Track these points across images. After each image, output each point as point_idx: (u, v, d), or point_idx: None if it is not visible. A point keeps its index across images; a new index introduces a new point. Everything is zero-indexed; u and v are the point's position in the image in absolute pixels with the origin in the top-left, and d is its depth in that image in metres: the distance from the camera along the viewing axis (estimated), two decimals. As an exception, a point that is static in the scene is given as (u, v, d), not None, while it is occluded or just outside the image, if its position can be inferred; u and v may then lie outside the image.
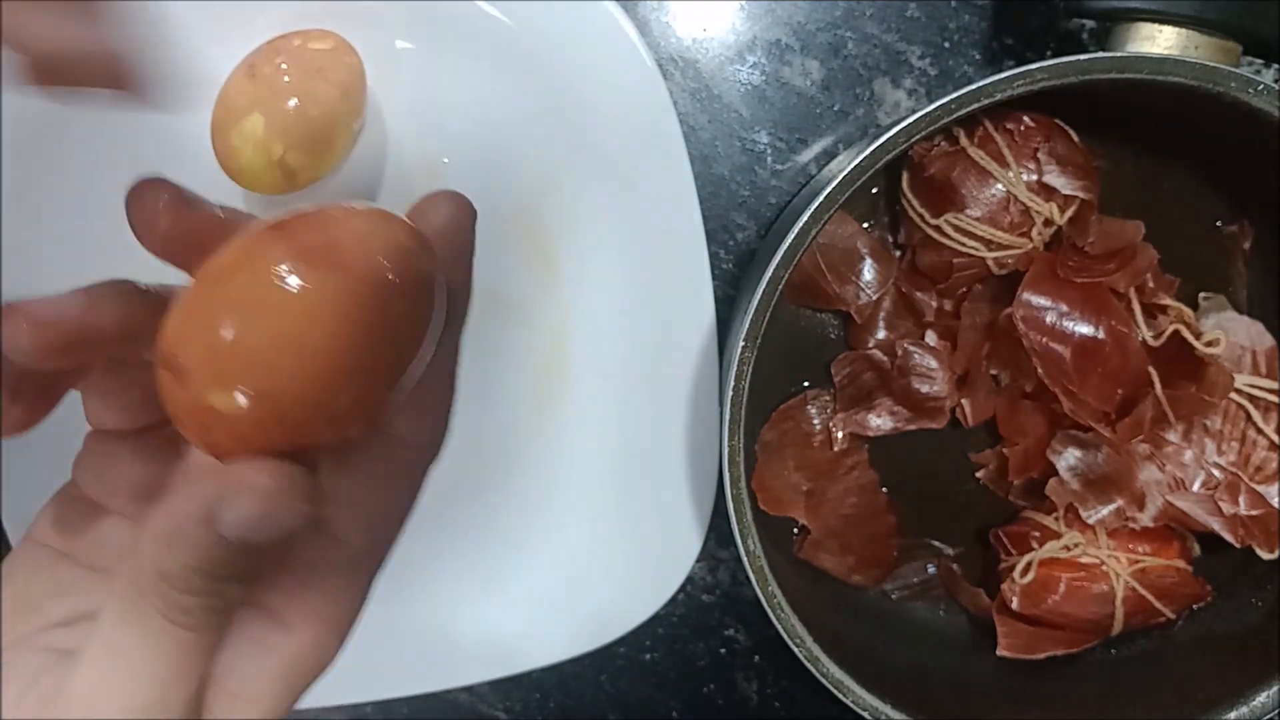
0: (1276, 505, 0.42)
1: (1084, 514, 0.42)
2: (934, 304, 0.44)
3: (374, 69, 0.41)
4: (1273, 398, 0.42)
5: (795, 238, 0.35)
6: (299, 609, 0.24)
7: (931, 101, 0.35)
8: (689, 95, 0.45)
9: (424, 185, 0.43)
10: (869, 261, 0.44)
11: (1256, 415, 0.42)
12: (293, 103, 0.37)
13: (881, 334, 0.45)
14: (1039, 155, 0.40)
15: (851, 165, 0.35)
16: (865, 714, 0.39)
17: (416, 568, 0.46)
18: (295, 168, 0.38)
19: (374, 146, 0.43)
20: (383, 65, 0.42)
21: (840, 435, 0.45)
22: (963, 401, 0.44)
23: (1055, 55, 0.37)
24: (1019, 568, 0.43)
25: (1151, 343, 0.41)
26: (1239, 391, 0.42)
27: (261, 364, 0.20)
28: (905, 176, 0.43)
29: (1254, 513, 0.42)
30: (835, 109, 0.45)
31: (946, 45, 0.45)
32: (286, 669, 0.24)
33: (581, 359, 0.45)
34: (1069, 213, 0.41)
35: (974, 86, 0.34)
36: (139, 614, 0.22)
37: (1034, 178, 0.40)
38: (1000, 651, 0.43)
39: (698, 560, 0.46)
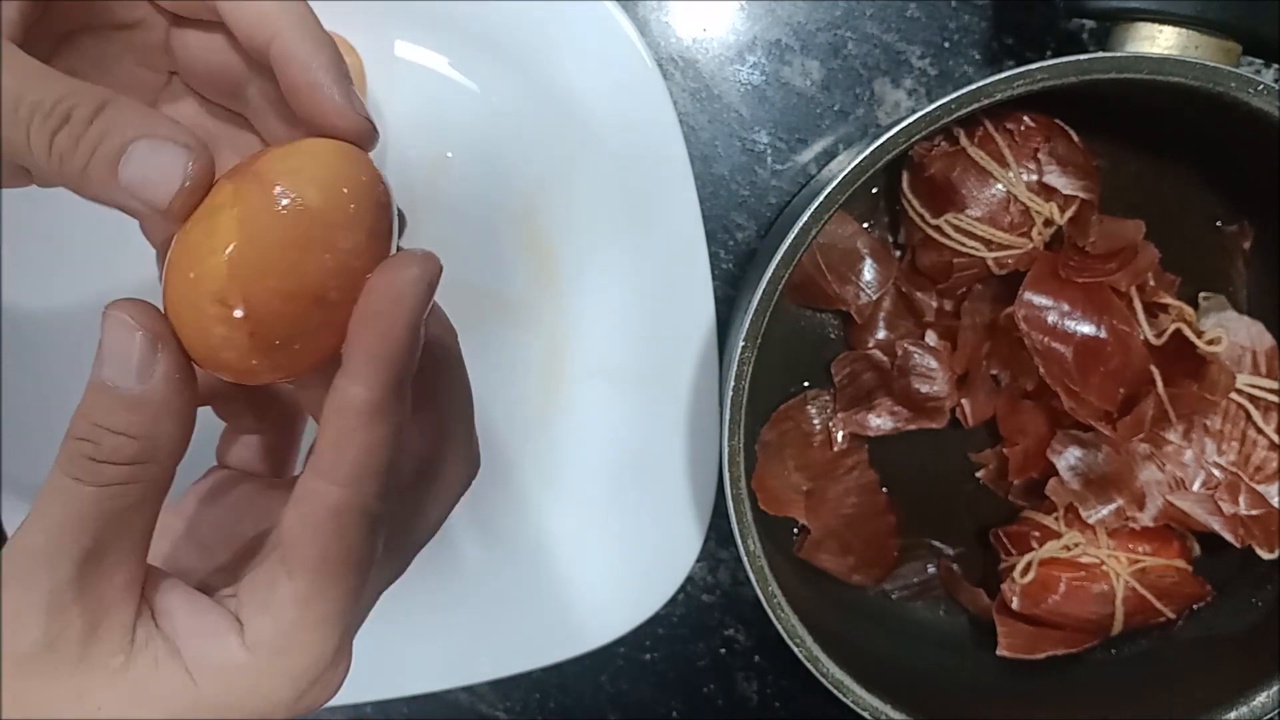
0: (1276, 505, 0.42)
1: (1084, 514, 0.42)
2: (934, 304, 0.44)
3: (374, 69, 0.41)
4: (1273, 398, 0.42)
5: (795, 238, 0.35)
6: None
7: (931, 101, 0.35)
8: (689, 95, 0.45)
9: (427, 181, 0.43)
10: (869, 261, 0.44)
11: (1256, 415, 0.42)
12: None
13: (881, 334, 0.45)
14: (1039, 155, 0.40)
15: (851, 165, 0.35)
16: (865, 714, 0.39)
17: (416, 567, 0.46)
18: None
19: (384, 133, 0.43)
20: (383, 65, 0.42)
21: (840, 435, 0.45)
22: (963, 401, 0.44)
23: (1055, 55, 0.37)
24: (1019, 568, 0.43)
25: (1153, 341, 0.41)
26: (1239, 391, 0.42)
27: (256, 274, 0.22)
28: (905, 176, 0.43)
29: (1254, 512, 0.42)
30: (835, 109, 0.45)
31: (946, 45, 0.45)
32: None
33: (581, 359, 0.45)
34: (1069, 213, 0.41)
35: (974, 86, 0.34)
36: (50, 474, 0.23)
37: (1034, 178, 0.40)
38: (1000, 651, 0.43)
39: (698, 560, 0.46)
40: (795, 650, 0.38)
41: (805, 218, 0.35)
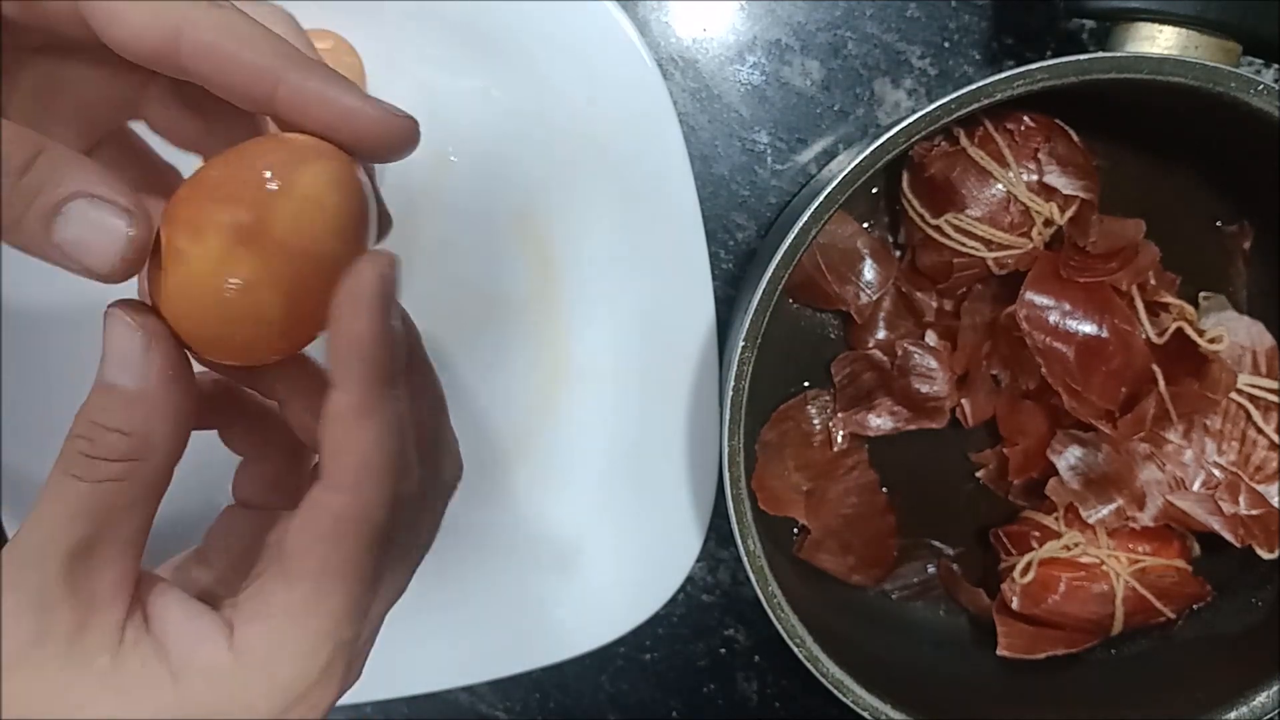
0: (1276, 505, 0.42)
1: (1084, 513, 0.42)
2: (934, 304, 0.44)
3: (374, 69, 0.41)
4: (1273, 397, 0.42)
5: (795, 238, 0.35)
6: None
7: (931, 101, 0.35)
8: (689, 95, 0.45)
9: (428, 181, 0.43)
10: (869, 261, 0.44)
11: (1256, 415, 0.42)
12: None
13: (881, 334, 0.45)
14: (1039, 155, 0.40)
15: (851, 165, 0.35)
16: (865, 714, 0.39)
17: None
18: None
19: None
20: (383, 65, 0.42)
21: (840, 435, 0.45)
22: (963, 401, 0.44)
23: (1055, 55, 0.37)
24: (1019, 568, 0.43)
25: (1155, 340, 0.41)
26: (1239, 391, 0.42)
27: (252, 252, 0.23)
28: (905, 176, 0.43)
29: (1254, 512, 0.42)
30: (835, 109, 0.45)
31: (946, 45, 0.45)
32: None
33: (581, 359, 0.45)
34: (1069, 213, 0.41)
35: (974, 86, 0.34)
36: (50, 474, 0.24)
37: (1034, 178, 0.40)
38: (1000, 651, 0.43)
39: (698, 560, 0.46)
40: (795, 650, 0.38)
41: (805, 218, 0.35)
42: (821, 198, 0.35)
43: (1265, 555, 0.42)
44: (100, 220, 0.22)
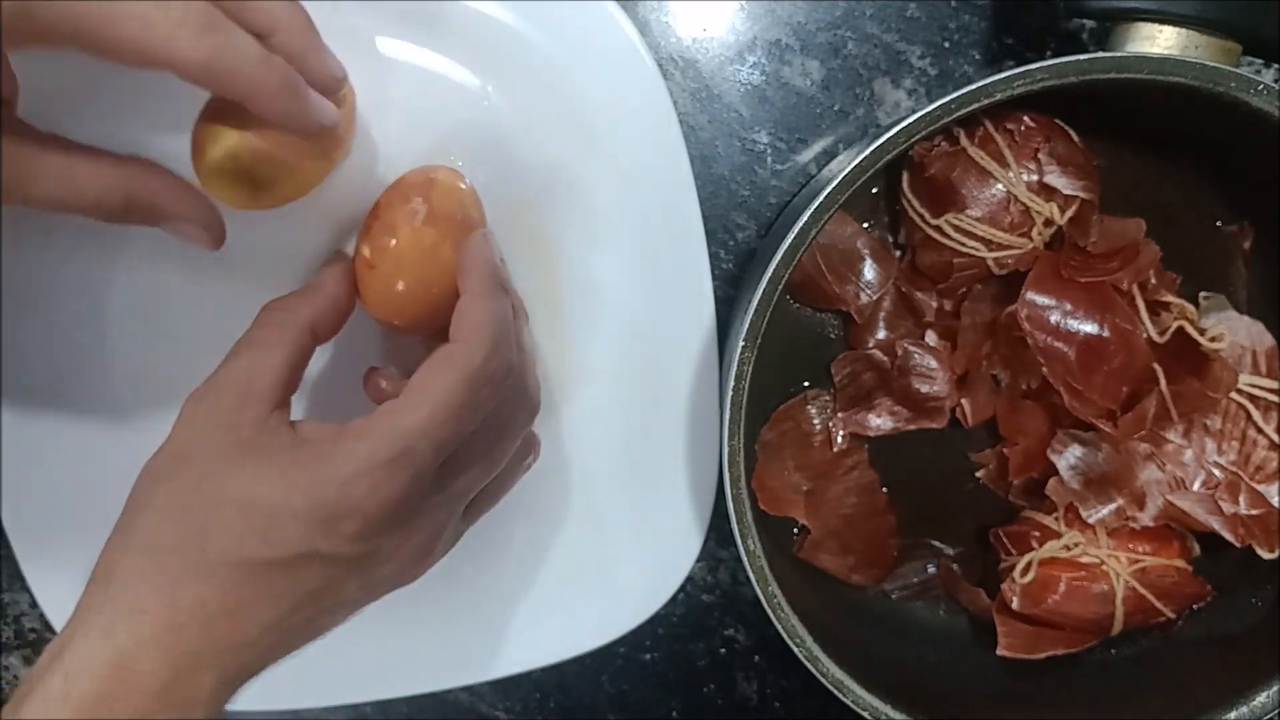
0: (1276, 505, 0.42)
1: (1084, 513, 0.42)
2: (934, 304, 0.44)
3: (373, 69, 0.41)
4: (1273, 397, 0.42)
5: (795, 238, 0.35)
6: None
7: (931, 101, 0.35)
8: (689, 95, 0.45)
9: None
10: (869, 261, 0.44)
11: (1256, 415, 0.42)
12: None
13: (881, 334, 0.45)
14: (1039, 155, 0.40)
15: (851, 165, 0.35)
16: (865, 714, 0.39)
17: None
18: (263, 180, 0.37)
19: (374, 146, 0.43)
20: (383, 66, 0.42)
21: (840, 435, 0.45)
22: (963, 401, 0.44)
23: (1055, 55, 0.37)
24: (1019, 567, 0.43)
25: (1156, 339, 0.41)
26: (1239, 391, 0.42)
27: (408, 260, 0.36)
28: (905, 176, 0.43)
29: (1254, 512, 0.42)
30: (835, 109, 0.45)
31: (946, 45, 0.45)
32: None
33: (582, 359, 0.45)
34: (1069, 213, 0.41)
35: (974, 86, 0.34)
36: None
37: (1034, 178, 0.40)
38: (1000, 651, 0.43)
39: (698, 560, 0.46)
40: (795, 650, 0.38)
41: (805, 218, 0.35)
42: (821, 198, 0.35)
43: (1265, 555, 0.42)
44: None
